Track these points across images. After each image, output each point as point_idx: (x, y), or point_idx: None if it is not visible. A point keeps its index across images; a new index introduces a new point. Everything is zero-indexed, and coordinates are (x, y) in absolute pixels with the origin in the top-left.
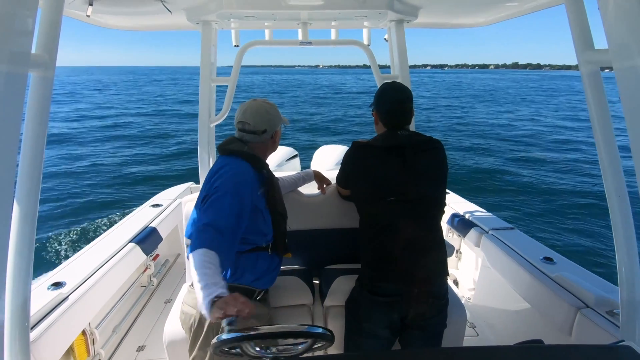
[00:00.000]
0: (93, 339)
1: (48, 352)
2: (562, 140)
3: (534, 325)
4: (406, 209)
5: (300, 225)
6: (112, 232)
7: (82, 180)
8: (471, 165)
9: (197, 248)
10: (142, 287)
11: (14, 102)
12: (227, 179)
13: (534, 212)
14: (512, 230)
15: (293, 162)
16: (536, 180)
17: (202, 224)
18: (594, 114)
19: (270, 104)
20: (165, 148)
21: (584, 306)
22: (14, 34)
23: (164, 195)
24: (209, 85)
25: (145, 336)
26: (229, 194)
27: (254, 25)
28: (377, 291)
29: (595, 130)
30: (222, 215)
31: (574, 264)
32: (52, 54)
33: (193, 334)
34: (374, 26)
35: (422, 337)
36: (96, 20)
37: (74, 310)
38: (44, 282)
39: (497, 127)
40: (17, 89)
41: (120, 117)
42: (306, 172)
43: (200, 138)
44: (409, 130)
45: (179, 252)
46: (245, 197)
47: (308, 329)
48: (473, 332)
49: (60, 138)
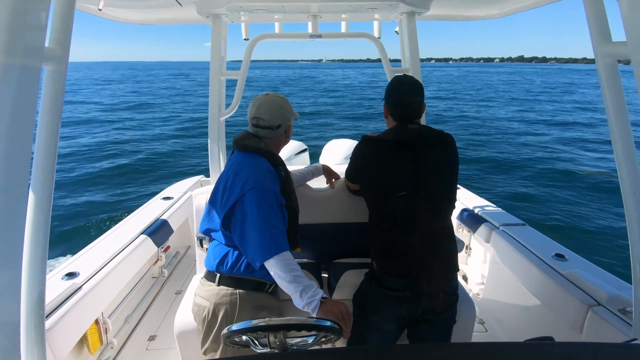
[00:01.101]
0: (106, 328)
1: (62, 340)
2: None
3: (544, 322)
4: (416, 203)
5: (309, 219)
6: (124, 224)
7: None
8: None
9: (278, 251)
10: (153, 278)
11: (29, 95)
12: (258, 178)
13: (546, 208)
14: (524, 226)
15: (302, 156)
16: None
17: (270, 226)
18: (610, 107)
19: (282, 98)
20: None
21: (596, 304)
22: (27, 28)
23: (174, 188)
24: (218, 79)
25: (157, 326)
26: (268, 191)
27: (264, 18)
28: (386, 285)
29: (612, 124)
30: (276, 215)
31: (586, 261)
32: (65, 47)
33: (206, 326)
34: (384, 18)
35: (432, 332)
36: (107, 14)
37: (88, 300)
38: (59, 272)
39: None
40: (31, 82)
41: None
42: (315, 167)
43: (211, 132)
44: (420, 124)
45: (189, 244)
46: (277, 193)
47: (317, 322)
48: (482, 328)
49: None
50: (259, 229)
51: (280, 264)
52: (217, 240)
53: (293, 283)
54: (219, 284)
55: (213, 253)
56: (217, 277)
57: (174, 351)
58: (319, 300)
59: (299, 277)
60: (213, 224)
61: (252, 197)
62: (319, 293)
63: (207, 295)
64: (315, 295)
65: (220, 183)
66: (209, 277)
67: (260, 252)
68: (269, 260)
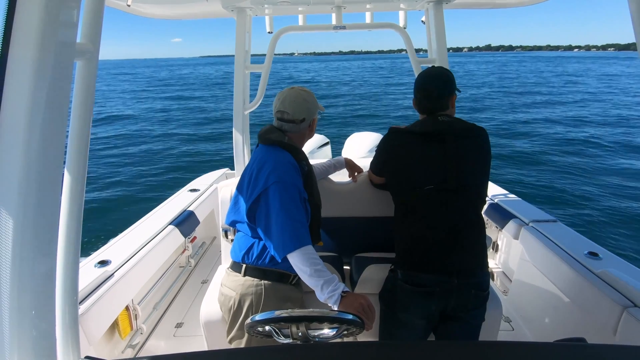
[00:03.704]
0: (136, 314)
1: (95, 324)
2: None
3: (574, 323)
4: (445, 198)
5: (331, 213)
6: (152, 214)
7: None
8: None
9: (299, 245)
10: (180, 267)
11: (62, 89)
12: (281, 172)
13: (578, 204)
14: (555, 222)
15: (324, 150)
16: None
17: (293, 220)
18: None
19: (307, 91)
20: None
21: (632, 305)
22: (60, 25)
23: (200, 180)
24: (243, 73)
25: (184, 314)
26: (292, 185)
27: (288, 11)
28: (414, 281)
29: None
30: (299, 209)
31: (621, 260)
32: (95, 43)
33: (232, 316)
34: (410, 8)
35: (461, 329)
36: (136, 10)
37: (119, 287)
38: (92, 260)
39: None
40: (64, 78)
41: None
42: (337, 160)
43: (235, 125)
44: (451, 117)
45: (215, 235)
46: (300, 187)
47: (338, 315)
48: (508, 327)
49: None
50: (281, 222)
51: (303, 257)
52: (242, 232)
53: (314, 277)
54: (244, 274)
55: (239, 244)
56: (242, 267)
57: (199, 338)
58: (340, 294)
59: (321, 271)
60: (239, 216)
61: (276, 190)
62: (340, 287)
63: (234, 285)
64: (336, 288)
65: (245, 176)
66: (235, 267)
67: (282, 245)
68: (292, 254)
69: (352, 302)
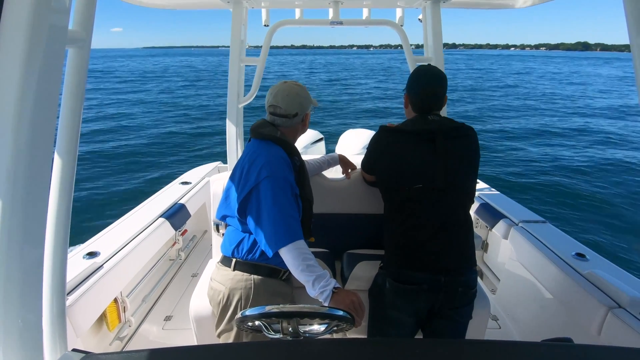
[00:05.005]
0: (124, 306)
1: (83, 316)
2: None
3: (559, 322)
4: (434, 197)
5: (324, 209)
6: (143, 206)
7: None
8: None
9: (291, 240)
10: (170, 260)
11: (53, 76)
12: (273, 167)
13: (569, 205)
14: (544, 223)
15: (318, 146)
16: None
17: (285, 214)
18: None
19: (300, 86)
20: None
21: (616, 306)
22: (52, 11)
23: (192, 173)
24: (238, 66)
25: (173, 307)
26: (283, 180)
27: (285, 4)
28: (402, 279)
29: None
30: (291, 203)
31: (608, 262)
32: (88, 30)
33: (221, 310)
34: (408, 5)
35: (448, 327)
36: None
37: (107, 279)
38: (80, 251)
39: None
40: (55, 64)
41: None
42: (331, 156)
43: (229, 118)
44: (440, 116)
45: (206, 229)
46: (292, 182)
47: (329, 311)
48: (495, 325)
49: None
50: (273, 217)
51: (294, 252)
52: (233, 226)
53: (306, 272)
54: (234, 269)
55: (229, 238)
56: (232, 262)
57: (188, 332)
58: (331, 290)
59: (313, 266)
60: (229, 210)
61: (268, 185)
62: (331, 283)
63: (223, 280)
64: (327, 284)
65: (237, 170)
66: (225, 262)
67: (275, 239)
68: (284, 249)
69: (344, 299)
